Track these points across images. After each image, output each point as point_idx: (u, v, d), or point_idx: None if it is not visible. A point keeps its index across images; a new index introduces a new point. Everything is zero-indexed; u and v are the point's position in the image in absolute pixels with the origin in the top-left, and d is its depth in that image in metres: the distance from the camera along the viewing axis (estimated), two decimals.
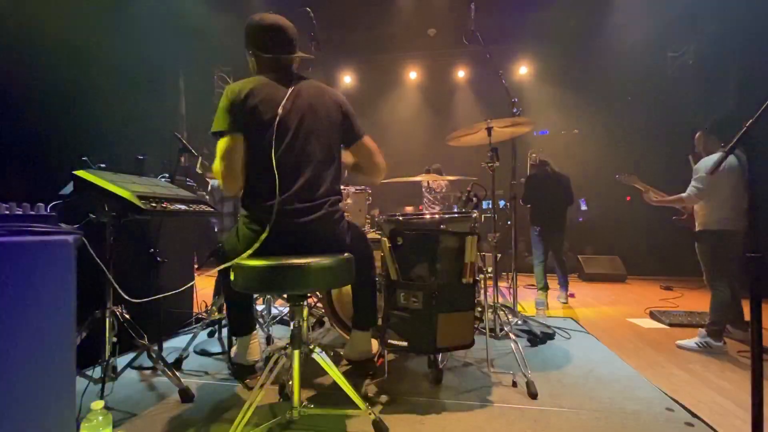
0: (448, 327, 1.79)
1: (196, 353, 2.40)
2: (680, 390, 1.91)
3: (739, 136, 1.25)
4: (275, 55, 1.65)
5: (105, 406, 1.32)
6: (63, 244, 1.15)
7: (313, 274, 1.38)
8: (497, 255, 2.50)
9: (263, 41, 1.64)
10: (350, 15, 5.88)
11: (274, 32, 1.64)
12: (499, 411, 1.68)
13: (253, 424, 1.54)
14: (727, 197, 2.51)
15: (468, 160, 4.18)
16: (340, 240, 1.62)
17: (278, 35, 1.65)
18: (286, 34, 1.66)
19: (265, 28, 1.64)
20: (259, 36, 1.64)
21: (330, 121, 1.63)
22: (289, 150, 1.53)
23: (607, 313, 3.56)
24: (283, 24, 1.67)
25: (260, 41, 1.65)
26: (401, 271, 1.82)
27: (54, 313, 1.14)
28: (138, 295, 1.49)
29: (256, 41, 1.65)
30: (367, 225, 2.94)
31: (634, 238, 6.27)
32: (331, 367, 1.53)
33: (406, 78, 7.41)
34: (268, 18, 1.65)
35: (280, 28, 1.65)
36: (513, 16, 5.67)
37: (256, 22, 1.65)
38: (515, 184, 2.99)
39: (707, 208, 2.60)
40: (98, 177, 1.62)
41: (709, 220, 2.59)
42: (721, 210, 2.53)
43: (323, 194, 1.57)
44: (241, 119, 1.53)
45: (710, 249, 2.59)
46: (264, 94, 1.54)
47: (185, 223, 2.97)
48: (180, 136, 2.47)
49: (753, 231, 1.24)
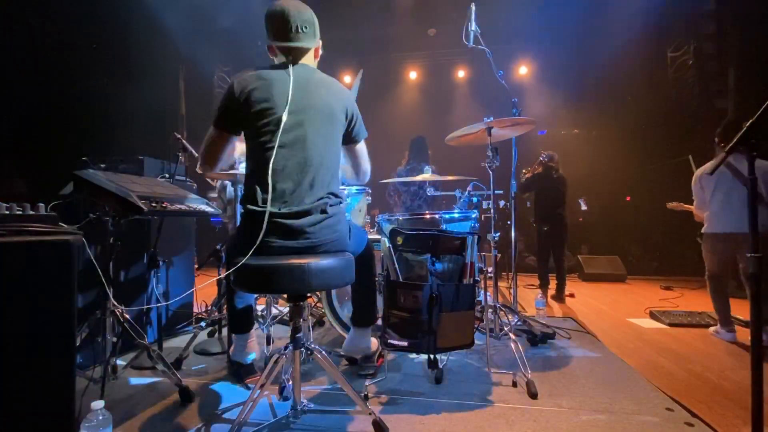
0: (448, 327, 1.79)
1: (196, 353, 2.40)
2: (680, 390, 1.91)
3: (739, 136, 1.24)
4: (279, 44, 1.62)
5: (105, 406, 1.31)
6: (63, 244, 1.15)
7: (313, 274, 1.38)
8: (497, 255, 2.50)
9: (267, 28, 1.62)
10: (350, 15, 5.87)
11: (277, 19, 1.59)
12: (499, 411, 1.68)
13: (253, 424, 1.54)
14: (711, 201, 2.82)
15: (468, 159, 4.18)
16: (340, 240, 1.62)
17: (281, 22, 1.59)
18: (289, 21, 1.58)
19: (269, 14, 1.61)
20: (266, 22, 1.62)
21: (332, 121, 1.62)
22: (289, 149, 1.52)
23: (607, 313, 3.55)
24: (291, 11, 1.59)
25: (266, 28, 1.63)
26: (401, 271, 1.82)
27: (54, 313, 1.14)
28: (138, 295, 1.49)
29: (265, 28, 1.63)
30: (367, 225, 2.94)
31: (634, 238, 6.27)
32: (331, 367, 1.53)
33: (406, 78, 7.40)
34: (278, 4, 1.60)
35: (283, 14, 1.58)
36: (513, 16, 5.67)
37: (269, 10, 1.62)
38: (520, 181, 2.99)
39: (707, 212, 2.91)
40: (98, 177, 1.62)
41: (706, 222, 2.89)
42: (710, 214, 2.85)
43: (323, 194, 1.57)
44: (235, 120, 1.55)
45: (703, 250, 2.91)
46: (264, 92, 1.52)
47: (185, 223, 2.97)
48: (180, 136, 2.47)
49: (753, 231, 1.24)
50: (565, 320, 3.21)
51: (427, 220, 2.33)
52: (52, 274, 1.13)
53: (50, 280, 1.13)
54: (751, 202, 1.23)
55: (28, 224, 1.11)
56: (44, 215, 1.19)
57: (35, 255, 1.10)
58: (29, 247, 1.08)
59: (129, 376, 2.03)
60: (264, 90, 1.53)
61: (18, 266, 1.07)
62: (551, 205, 4.05)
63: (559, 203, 4.03)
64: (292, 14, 1.59)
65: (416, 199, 4.07)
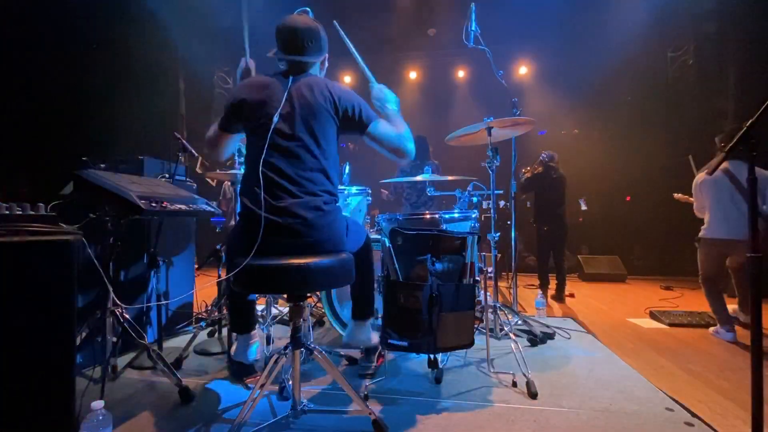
0: (448, 327, 1.79)
1: (196, 353, 2.40)
2: (680, 390, 1.91)
3: (738, 137, 1.24)
4: (286, 57, 1.68)
5: (105, 406, 1.31)
6: (63, 244, 1.15)
7: (313, 274, 1.38)
8: (497, 255, 2.50)
9: (277, 42, 1.69)
10: (350, 15, 5.87)
11: (284, 33, 1.67)
12: (499, 411, 1.69)
13: (253, 424, 1.54)
14: (709, 207, 2.87)
15: (468, 159, 4.18)
16: (336, 238, 1.62)
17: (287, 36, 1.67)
18: (296, 36, 1.66)
19: (278, 29, 1.69)
20: (276, 37, 1.69)
21: (323, 119, 1.62)
22: (285, 149, 1.54)
23: (607, 313, 3.56)
24: (295, 26, 1.67)
25: (276, 42, 1.69)
26: (401, 271, 1.82)
27: (54, 313, 1.14)
28: (138, 295, 1.49)
29: (276, 42, 1.70)
30: (367, 225, 2.94)
31: (634, 238, 6.27)
32: (331, 367, 1.53)
33: (406, 78, 7.40)
34: (287, 19, 1.68)
35: (289, 29, 1.67)
36: (513, 16, 5.66)
37: (278, 23, 1.69)
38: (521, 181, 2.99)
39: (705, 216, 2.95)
40: (98, 177, 1.62)
41: (703, 227, 2.93)
42: (708, 220, 2.88)
43: (318, 193, 1.57)
44: (233, 120, 1.64)
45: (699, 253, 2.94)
46: (259, 95, 1.58)
47: (185, 223, 2.97)
48: (180, 136, 2.47)
49: (753, 231, 1.24)
50: (565, 320, 3.21)
51: (427, 220, 2.33)
52: (52, 274, 1.13)
53: (50, 280, 1.13)
54: (751, 201, 1.23)
55: (28, 224, 1.11)
56: (44, 215, 1.19)
57: (35, 255, 1.10)
58: (29, 247, 1.08)
59: (129, 376, 2.03)
60: (260, 90, 1.59)
61: (18, 266, 1.07)
62: (551, 205, 4.05)
63: (558, 203, 4.04)
64: (299, 29, 1.66)
65: (422, 195, 4.15)
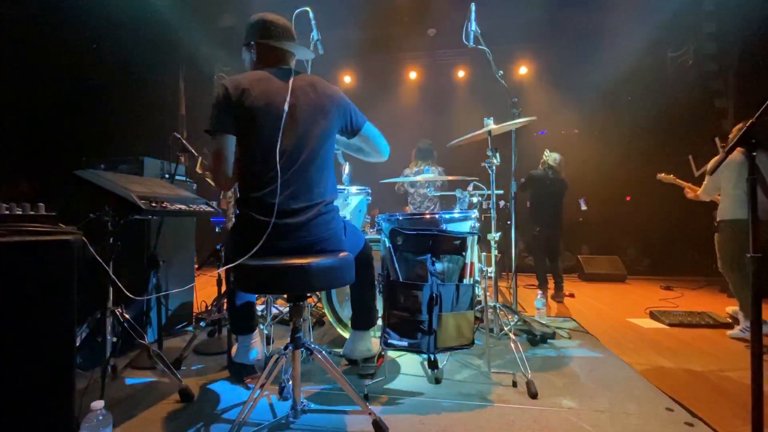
0: (448, 327, 1.79)
1: (196, 353, 2.40)
2: (680, 390, 1.91)
3: (739, 136, 1.24)
4: (280, 44, 1.67)
5: (105, 406, 1.31)
6: (63, 244, 1.15)
7: (313, 274, 1.38)
8: (497, 255, 2.49)
9: (269, 30, 1.68)
10: (350, 15, 5.87)
11: (278, 24, 1.71)
12: (499, 411, 1.68)
13: (253, 424, 1.54)
14: (731, 190, 2.70)
15: (468, 159, 4.18)
16: (334, 237, 1.62)
17: (282, 28, 1.71)
18: (288, 30, 1.73)
19: (270, 19, 1.70)
20: (266, 25, 1.68)
21: (326, 120, 1.63)
22: (285, 150, 1.53)
23: (607, 313, 3.55)
24: (285, 22, 1.74)
25: (266, 30, 1.68)
26: (401, 271, 1.82)
27: (54, 313, 1.14)
28: (138, 295, 1.49)
29: (262, 30, 1.68)
30: (367, 225, 2.94)
31: (634, 238, 6.26)
32: (331, 367, 1.53)
33: (406, 78, 7.40)
34: (272, 14, 1.73)
35: (283, 23, 1.72)
36: (513, 16, 5.67)
37: (260, 15, 1.71)
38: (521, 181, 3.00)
39: (723, 200, 2.78)
40: (98, 177, 1.62)
41: (723, 211, 2.77)
42: (733, 201, 2.70)
43: (319, 194, 1.57)
44: (231, 118, 1.53)
45: (728, 237, 2.72)
46: (261, 92, 1.54)
47: (185, 223, 2.97)
48: (180, 136, 2.47)
49: (754, 232, 1.23)
50: (565, 320, 3.21)
51: (427, 220, 2.33)
52: (52, 274, 1.13)
53: (50, 280, 1.13)
54: (751, 201, 1.23)
55: (28, 224, 1.11)
56: (44, 215, 1.19)
57: (35, 255, 1.10)
58: (29, 247, 1.08)
59: (129, 376, 2.03)
60: (260, 86, 1.55)
61: (18, 266, 1.07)
62: (545, 207, 4.05)
63: (553, 206, 4.03)
64: (289, 26, 1.73)
65: (425, 200, 4.26)
